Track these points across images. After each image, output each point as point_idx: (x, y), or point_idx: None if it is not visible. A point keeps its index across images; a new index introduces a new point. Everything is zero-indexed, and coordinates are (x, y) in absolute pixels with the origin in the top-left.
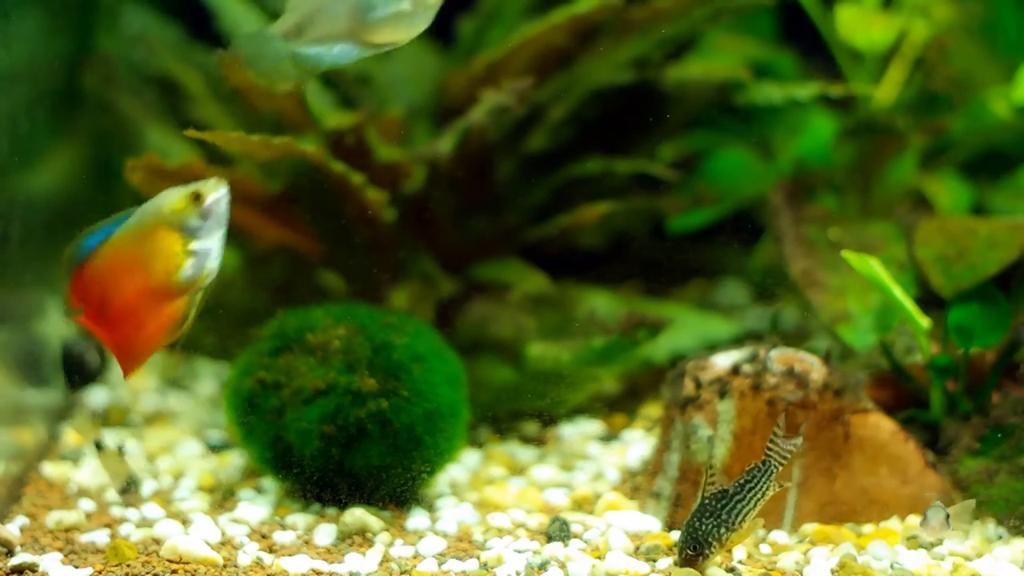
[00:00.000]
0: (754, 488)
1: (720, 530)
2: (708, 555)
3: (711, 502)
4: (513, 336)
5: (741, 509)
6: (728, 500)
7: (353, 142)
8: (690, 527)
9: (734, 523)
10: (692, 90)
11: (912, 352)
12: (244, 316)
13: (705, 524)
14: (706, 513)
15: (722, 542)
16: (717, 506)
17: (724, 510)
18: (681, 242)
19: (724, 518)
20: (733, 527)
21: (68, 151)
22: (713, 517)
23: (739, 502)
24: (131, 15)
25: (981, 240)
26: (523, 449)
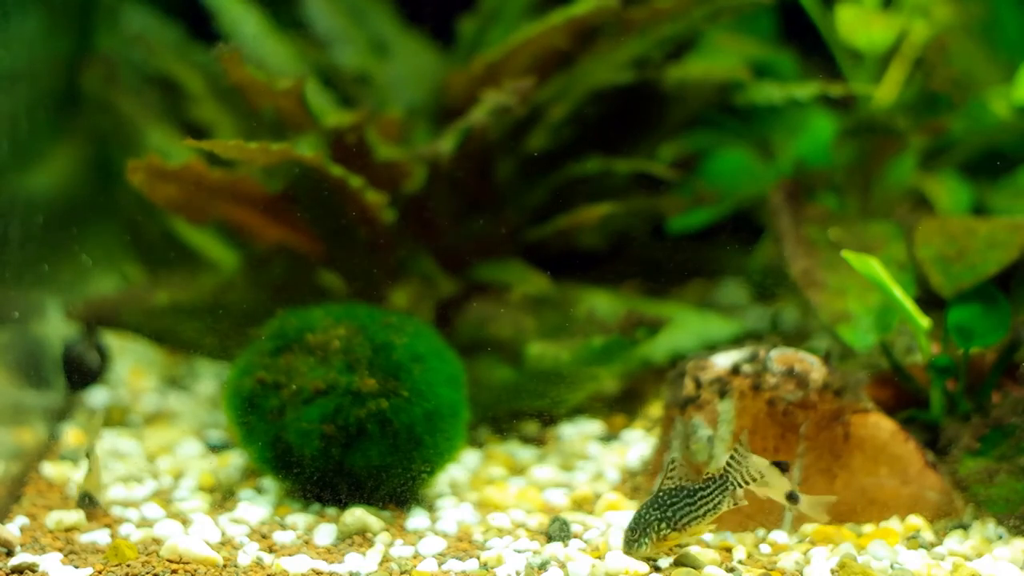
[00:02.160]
0: (706, 498)
1: (660, 524)
2: (644, 544)
3: (664, 496)
4: (513, 336)
5: (688, 512)
6: (679, 499)
7: (353, 141)
8: (637, 513)
9: (676, 523)
10: (692, 90)
11: (912, 352)
12: (244, 316)
13: (650, 514)
14: (655, 504)
15: (660, 536)
16: (667, 501)
17: (671, 507)
18: (681, 242)
19: (668, 515)
20: (674, 526)
21: (68, 151)
22: (659, 510)
23: (688, 505)
24: (131, 15)
25: (981, 240)
26: (523, 449)
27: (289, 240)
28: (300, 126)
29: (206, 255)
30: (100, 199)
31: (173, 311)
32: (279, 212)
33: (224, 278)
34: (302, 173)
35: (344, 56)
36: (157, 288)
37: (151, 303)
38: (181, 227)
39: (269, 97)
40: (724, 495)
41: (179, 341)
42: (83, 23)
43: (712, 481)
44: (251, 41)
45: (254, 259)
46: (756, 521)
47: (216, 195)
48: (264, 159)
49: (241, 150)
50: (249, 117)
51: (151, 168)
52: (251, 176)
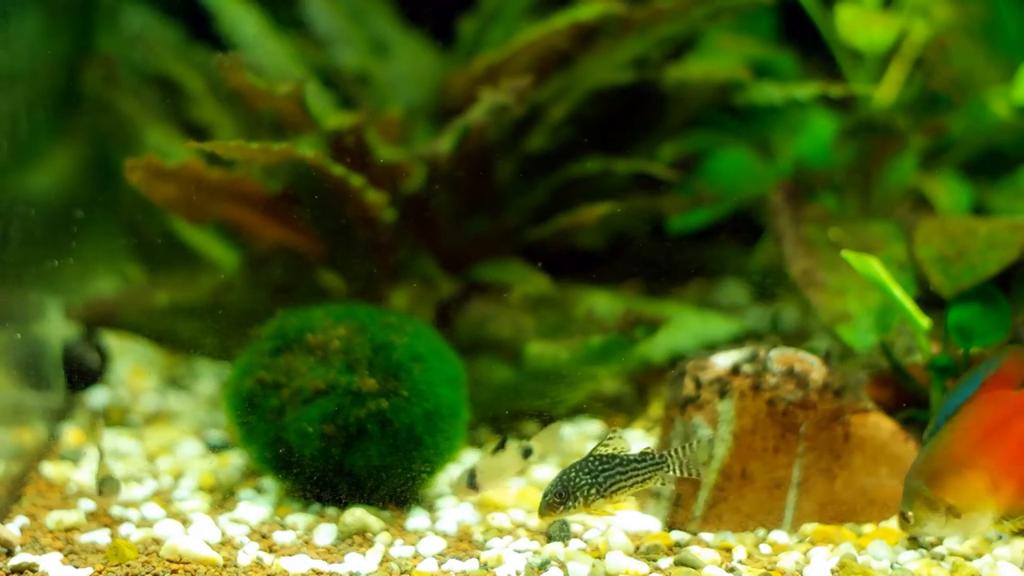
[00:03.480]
0: (639, 471)
1: (591, 489)
2: (570, 507)
3: (594, 460)
4: (512, 336)
5: (618, 480)
6: (611, 467)
7: (353, 142)
8: (564, 476)
9: (605, 488)
10: (692, 90)
11: (912, 352)
12: (244, 316)
13: (580, 478)
14: (585, 468)
15: (587, 502)
16: (597, 466)
17: (603, 472)
18: (681, 242)
19: (599, 480)
20: (603, 492)
21: (68, 151)
22: (590, 474)
23: (620, 474)
24: (131, 15)
25: (981, 240)
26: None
27: (289, 240)
28: (300, 128)
29: (206, 255)
30: (100, 199)
31: (173, 311)
32: (279, 212)
33: (224, 278)
34: (302, 173)
35: (344, 56)
36: (157, 288)
37: (151, 303)
38: (181, 227)
39: (269, 101)
40: (656, 473)
41: (179, 341)
42: (83, 23)
43: (650, 456)
44: (251, 41)
45: (254, 259)
46: (756, 521)
47: (215, 195)
48: (265, 159)
49: (242, 150)
50: (249, 117)
51: (150, 167)
52: (251, 176)
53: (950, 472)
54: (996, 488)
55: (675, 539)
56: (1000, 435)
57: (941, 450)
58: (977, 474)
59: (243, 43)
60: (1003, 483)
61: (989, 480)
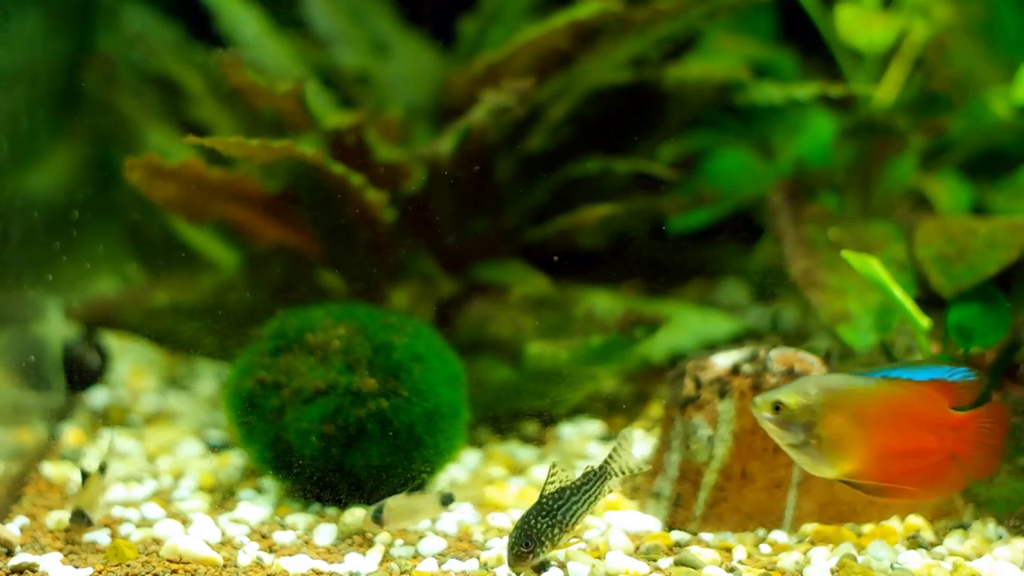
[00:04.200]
0: (589, 492)
1: (554, 530)
2: (539, 553)
3: (548, 501)
4: (512, 336)
5: (576, 511)
6: (564, 501)
7: (353, 142)
8: (524, 524)
9: (567, 523)
10: (692, 90)
11: (912, 352)
12: (244, 316)
13: (540, 523)
14: (543, 512)
15: (554, 542)
16: (553, 506)
17: (560, 510)
18: (681, 242)
19: (559, 519)
20: (566, 527)
21: (68, 151)
22: (549, 516)
23: (575, 503)
24: (131, 15)
25: (981, 240)
26: (523, 449)
27: (289, 240)
28: (300, 127)
29: (206, 255)
30: (100, 199)
31: (173, 311)
32: (279, 212)
33: (224, 278)
34: (302, 172)
35: (344, 56)
36: (157, 288)
37: (151, 303)
38: (181, 227)
39: (269, 99)
40: (604, 485)
41: (179, 341)
42: (83, 23)
43: (593, 474)
44: (251, 41)
45: (254, 259)
46: (756, 521)
47: (215, 194)
48: (265, 157)
49: (242, 147)
50: (249, 117)
51: (149, 166)
52: (250, 175)
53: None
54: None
55: (675, 539)
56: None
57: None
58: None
59: (243, 43)
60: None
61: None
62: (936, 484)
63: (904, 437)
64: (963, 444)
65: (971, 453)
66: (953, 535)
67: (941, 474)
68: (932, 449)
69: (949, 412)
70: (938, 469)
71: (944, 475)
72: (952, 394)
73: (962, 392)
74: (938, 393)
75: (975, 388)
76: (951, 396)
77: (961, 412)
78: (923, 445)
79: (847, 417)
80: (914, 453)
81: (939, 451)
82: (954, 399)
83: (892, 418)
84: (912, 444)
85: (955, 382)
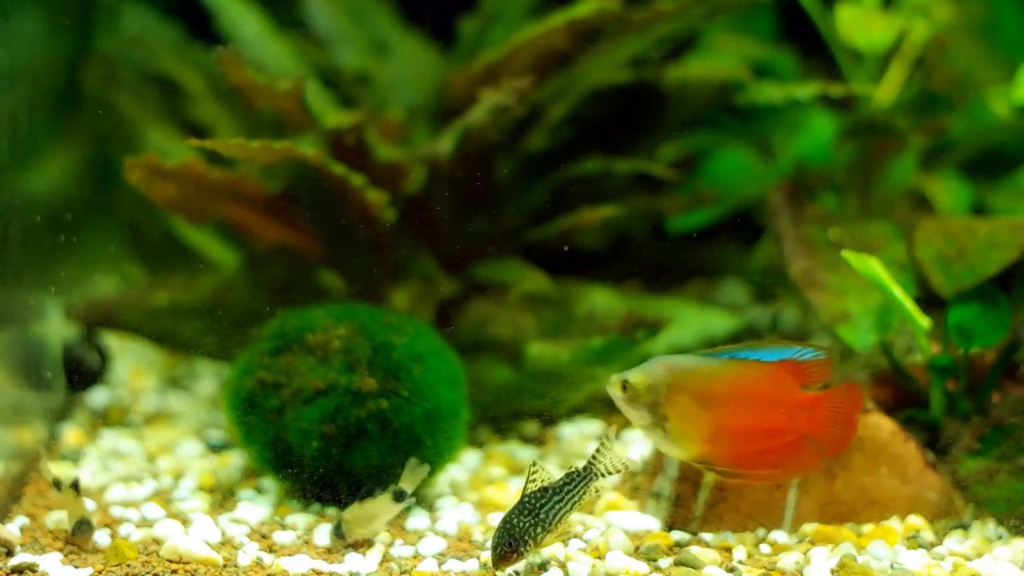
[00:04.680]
0: (573, 492)
1: (536, 529)
2: (523, 553)
3: (530, 500)
4: (513, 336)
5: (559, 510)
6: (548, 500)
7: (353, 142)
8: (507, 524)
9: (550, 523)
10: (692, 90)
11: (912, 352)
12: (244, 316)
13: (523, 522)
14: (525, 511)
15: (537, 541)
16: (536, 505)
17: (543, 509)
18: (681, 242)
19: (542, 517)
20: (549, 527)
21: (68, 151)
22: (531, 515)
23: (558, 503)
24: (131, 15)
25: (981, 240)
26: (523, 449)
27: (289, 240)
28: (300, 127)
29: (206, 255)
30: (100, 199)
31: (173, 311)
32: (279, 212)
33: (224, 278)
34: (302, 172)
35: (344, 56)
36: (157, 288)
37: (151, 303)
38: (181, 227)
39: (269, 98)
40: (589, 485)
41: (179, 341)
42: (83, 23)
43: (576, 475)
44: (251, 41)
45: (254, 259)
46: (756, 521)
47: (215, 194)
48: (266, 157)
49: (243, 149)
50: (249, 117)
51: (149, 167)
52: (251, 176)
53: (687, 393)
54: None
55: (675, 539)
56: (752, 405)
57: (700, 372)
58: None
59: (243, 42)
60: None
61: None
62: (790, 465)
63: (754, 418)
64: (815, 423)
65: (824, 432)
66: (953, 535)
67: (794, 454)
68: (784, 429)
69: (800, 392)
70: (791, 449)
71: (797, 455)
72: (803, 374)
73: (813, 371)
74: (788, 373)
75: (826, 367)
76: (802, 376)
77: (812, 392)
78: (774, 425)
79: (692, 397)
80: (765, 434)
81: (791, 431)
82: (805, 379)
83: (740, 399)
84: (762, 424)
85: (805, 361)
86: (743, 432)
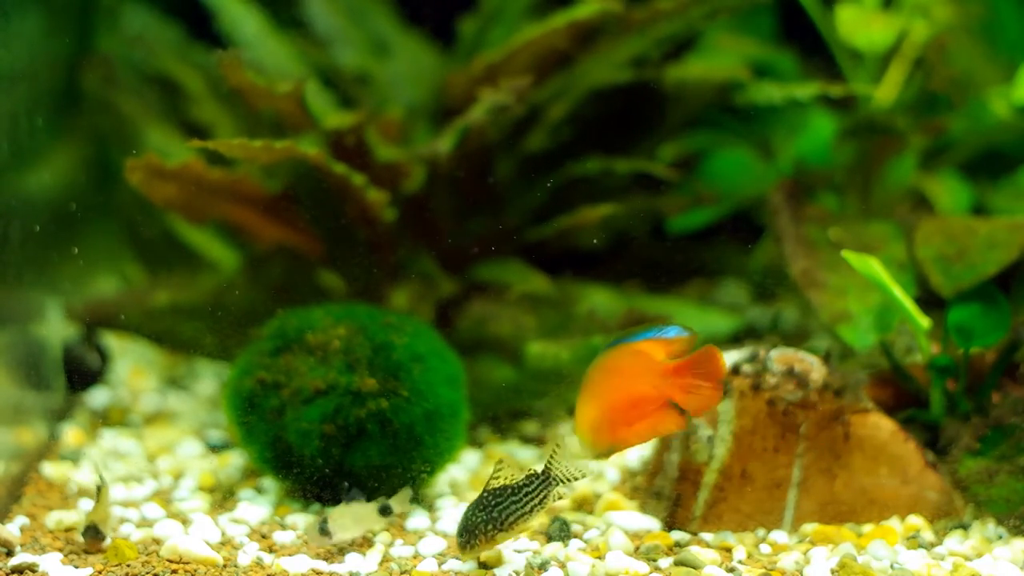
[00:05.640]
0: (530, 495)
1: (488, 526)
2: (474, 545)
3: (488, 497)
4: (513, 335)
5: (514, 511)
6: (504, 499)
7: (353, 142)
8: (465, 515)
9: (502, 522)
10: (692, 90)
11: (912, 352)
12: (244, 316)
13: (477, 516)
14: (480, 505)
15: (488, 537)
16: (492, 502)
17: (496, 507)
18: (681, 242)
19: (495, 515)
20: (501, 526)
21: (68, 151)
22: (485, 511)
23: (513, 503)
24: (131, 15)
25: (981, 240)
26: (523, 449)
27: (289, 240)
28: (300, 127)
29: (206, 255)
30: (100, 199)
31: (173, 311)
32: (279, 212)
33: (224, 278)
34: (302, 172)
35: (344, 56)
36: (157, 288)
37: (151, 303)
38: (181, 227)
39: (269, 100)
40: (548, 490)
41: (179, 341)
42: (83, 23)
43: (536, 477)
44: (251, 41)
45: (254, 259)
46: (756, 521)
47: (216, 195)
48: (267, 157)
49: (245, 149)
50: (249, 117)
51: (149, 167)
52: (251, 176)
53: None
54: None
55: (675, 539)
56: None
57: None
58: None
59: (243, 43)
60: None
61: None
62: (659, 426)
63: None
64: (679, 388)
65: (688, 395)
66: (953, 535)
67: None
68: (651, 397)
69: (661, 363)
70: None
71: (665, 417)
72: (668, 348)
73: (678, 346)
74: (650, 348)
75: (690, 342)
76: (668, 350)
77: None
78: (640, 393)
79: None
80: (634, 404)
81: (658, 398)
82: (670, 353)
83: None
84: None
85: (669, 338)
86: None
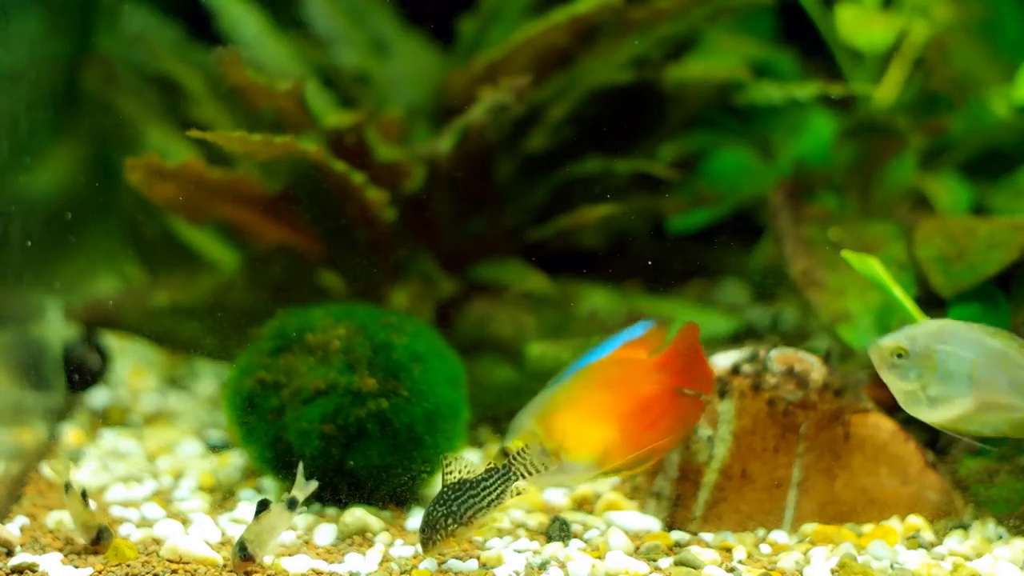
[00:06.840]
0: (489, 489)
1: (447, 520)
2: (435, 540)
3: (448, 492)
4: (513, 335)
5: (473, 505)
6: (463, 494)
7: (353, 141)
8: (426, 511)
9: (462, 516)
10: (692, 90)
11: None
12: (244, 316)
13: (437, 511)
14: (440, 500)
15: (448, 532)
16: (451, 497)
17: (455, 502)
18: (681, 242)
19: (454, 510)
20: (460, 520)
21: (68, 151)
22: (444, 506)
23: (472, 497)
24: (131, 15)
25: (981, 240)
26: None
27: (289, 240)
28: (300, 126)
29: (206, 255)
30: (100, 199)
31: (173, 311)
32: (279, 212)
33: (224, 278)
34: (302, 172)
35: (344, 56)
36: (157, 288)
37: (151, 304)
38: (181, 227)
39: (269, 99)
40: (507, 485)
41: (179, 341)
42: (83, 23)
43: (495, 472)
44: (251, 41)
45: (254, 259)
46: (756, 521)
47: (215, 195)
48: (267, 152)
49: (244, 143)
50: (249, 117)
51: (149, 167)
52: (251, 175)
53: (562, 418)
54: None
55: (675, 539)
56: (619, 393)
57: (560, 397)
58: (586, 426)
59: (243, 42)
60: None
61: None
62: (680, 421)
63: (628, 400)
64: (676, 375)
65: (686, 378)
66: (953, 535)
67: (678, 410)
68: (656, 394)
69: (648, 359)
70: (673, 407)
71: (681, 409)
72: (647, 345)
73: (653, 339)
74: (631, 349)
75: (661, 332)
76: (647, 347)
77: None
78: (646, 395)
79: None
80: (646, 408)
81: (663, 392)
82: (650, 348)
83: (608, 392)
84: (638, 401)
85: (643, 335)
86: (629, 416)
